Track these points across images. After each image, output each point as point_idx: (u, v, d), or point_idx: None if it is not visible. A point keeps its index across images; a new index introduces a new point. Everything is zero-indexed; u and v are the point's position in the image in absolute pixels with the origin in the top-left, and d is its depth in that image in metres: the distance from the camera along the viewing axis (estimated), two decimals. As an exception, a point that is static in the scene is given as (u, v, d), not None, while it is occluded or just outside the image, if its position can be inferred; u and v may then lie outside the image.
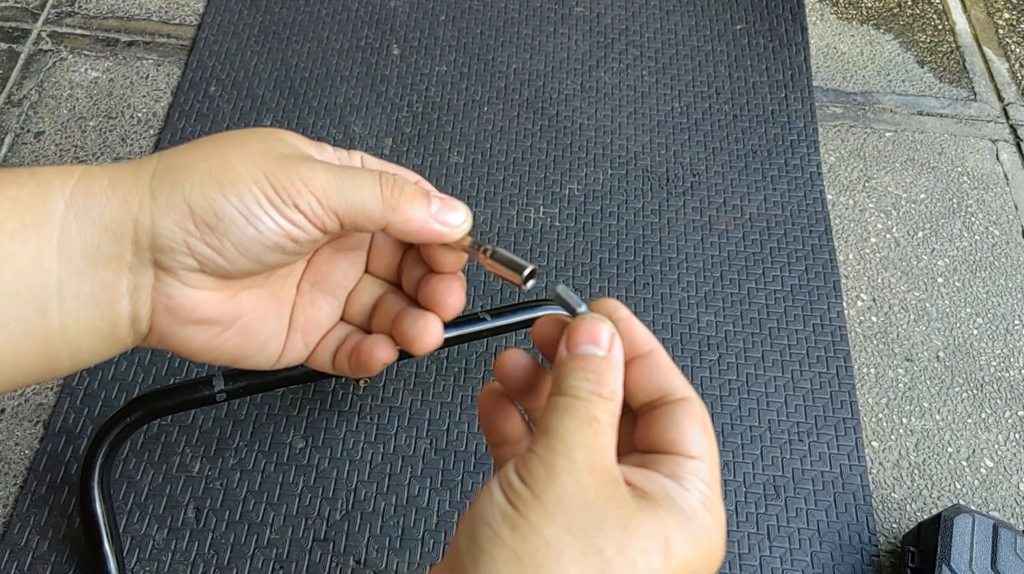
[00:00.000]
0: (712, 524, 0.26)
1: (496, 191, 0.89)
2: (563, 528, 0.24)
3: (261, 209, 0.28)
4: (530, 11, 1.05)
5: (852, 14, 1.09)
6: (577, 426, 0.26)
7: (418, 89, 0.97)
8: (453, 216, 0.31)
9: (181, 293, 0.29)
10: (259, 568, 0.67)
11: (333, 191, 0.29)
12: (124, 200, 0.28)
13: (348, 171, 0.30)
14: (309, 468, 0.71)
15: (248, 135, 0.30)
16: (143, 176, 0.28)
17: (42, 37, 0.99)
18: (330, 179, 0.29)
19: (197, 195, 0.28)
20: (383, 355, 0.33)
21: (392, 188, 0.30)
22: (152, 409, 0.64)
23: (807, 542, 0.70)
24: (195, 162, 0.28)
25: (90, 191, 0.28)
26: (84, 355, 0.29)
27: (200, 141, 0.30)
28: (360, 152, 0.33)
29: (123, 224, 0.28)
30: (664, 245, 0.86)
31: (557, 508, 0.24)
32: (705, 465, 0.27)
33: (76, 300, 0.28)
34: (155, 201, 0.28)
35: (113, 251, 0.28)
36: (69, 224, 0.27)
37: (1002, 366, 0.81)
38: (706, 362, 0.79)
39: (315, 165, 0.29)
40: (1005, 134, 0.98)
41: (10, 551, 0.67)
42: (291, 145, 0.30)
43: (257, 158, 0.28)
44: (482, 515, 0.25)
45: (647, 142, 0.94)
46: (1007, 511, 0.73)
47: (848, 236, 0.89)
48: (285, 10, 1.03)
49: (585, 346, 0.28)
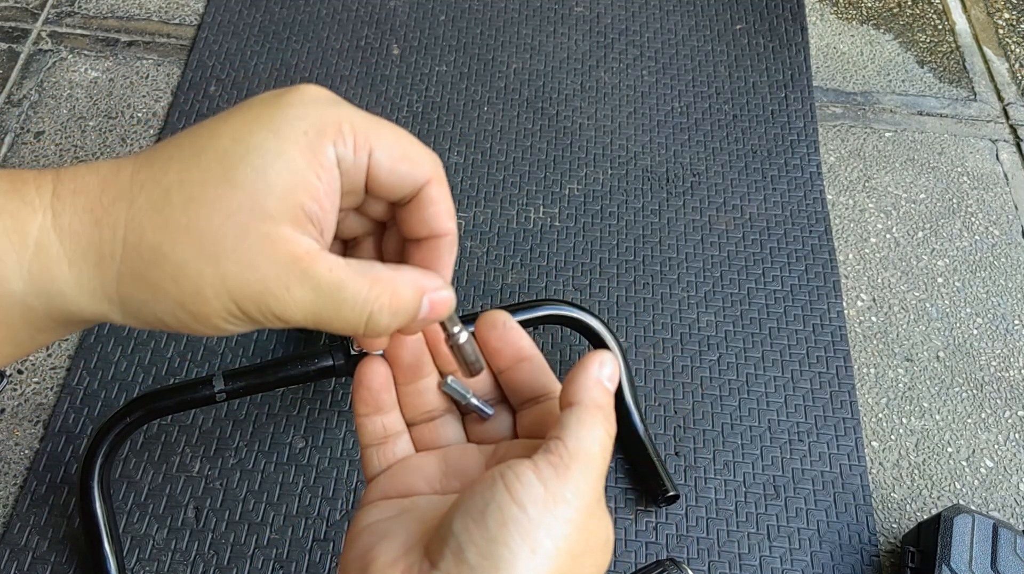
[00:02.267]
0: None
1: (496, 191, 0.89)
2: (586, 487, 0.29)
3: (234, 326, 0.28)
4: (530, 11, 1.05)
5: (852, 14, 1.09)
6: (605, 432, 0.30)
7: (418, 89, 0.97)
8: (435, 314, 0.30)
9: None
10: (259, 568, 0.67)
11: (309, 324, 0.28)
12: (91, 298, 0.26)
13: (332, 307, 0.27)
14: (309, 468, 0.71)
15: (230, 223, 0.26)
16: (108, 277, 0.26)
17: (42, 37, 0.99)
18: (308, 317, 0.27)
19: (169, 317, 0.27)
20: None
21: (374, 331, 0.29)
22: (152, 409, 0.64)
23: (807, 542, 0.70)
24: (165, 286, 0.26)
25: (51, 277, 0.26)
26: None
27: (170, 228, 0.26)
28: (372, 142, 0.29)
29: (92, 317, 0.27)
30: (664, 245, 0.86)
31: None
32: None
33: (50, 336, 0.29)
34: (125, 311, 0.27)
35: (82, 323, 0.28)
36: (33, 303, 0.26)
37: (1002, 366, 0.81)
38: (706, 362, 0.79)
39: (296, 299, 0.27)
40: (1005, 134, 0.98)
41: (10, 551, 0.67)
42: (276, 250, 0.26)
43: (234, 290, 0.26)
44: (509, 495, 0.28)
45: (647, 142, 0.94)
46: (1007, 511, 0.73)
47: (848, 236, 0.89)
48: (285, 10, 1.03)
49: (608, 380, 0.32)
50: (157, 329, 0.28)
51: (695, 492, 0.72)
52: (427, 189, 0.30)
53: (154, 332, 0.77)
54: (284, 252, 0.26)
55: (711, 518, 0.71)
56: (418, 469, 0.33)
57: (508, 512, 0.26)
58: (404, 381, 0.34)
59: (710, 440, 0.75)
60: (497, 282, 0.83)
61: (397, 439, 0.34)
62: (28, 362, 0.76)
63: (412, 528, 0.29)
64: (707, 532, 0.70)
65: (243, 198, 0.26)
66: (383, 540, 0.29)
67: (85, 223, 0.26)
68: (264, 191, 0.26)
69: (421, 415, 0.34)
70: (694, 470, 0.73)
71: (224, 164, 0.26)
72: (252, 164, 0.26)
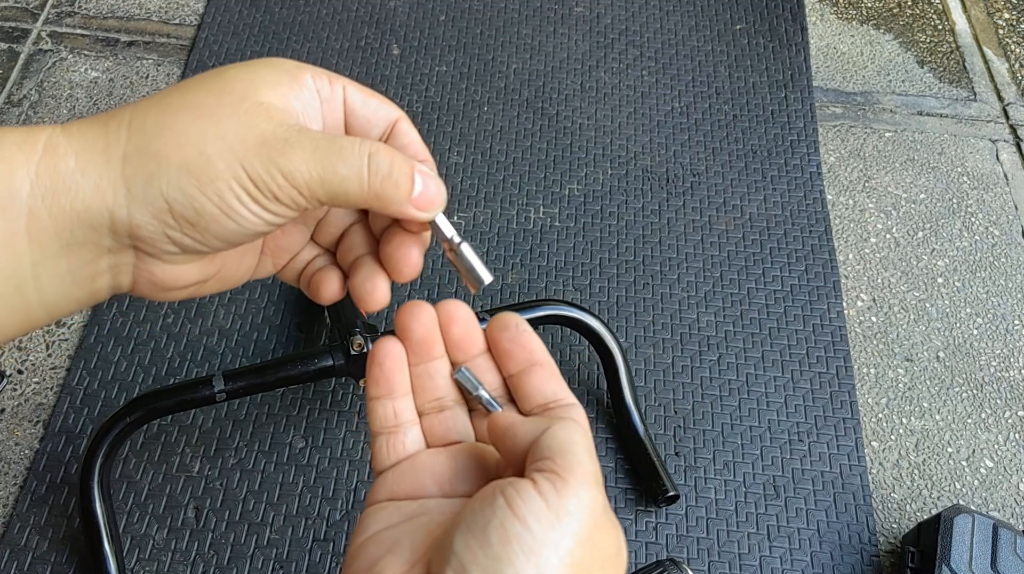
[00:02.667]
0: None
1: (496, 191, 0.89)
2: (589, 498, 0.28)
3: (241, 204, 0.28)
4: (530, 11, 1.05)
5: (852, 14, 1.09)
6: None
7: (418, 89, 0.97)
8: (431, 201, 0.31)
9: (163, 270, 0.29)
10: (259, 568, 0.67)
11: (316, 182, 0.28)
12: (96, 188, 0.27)
13: (333, 153, 0.28)
14: (309, 468, 0.71)
15: (224, 102, 0.28)
16: (113, 161, 0.27)
17: (42, 37, 0.99)
18: (313, 169, 0.28)
19: (174, 191, 0.27)
20: (327, 293, 0.35)
21: (378, 175, 0.29)
22: (152, 409, 0.64)
23: (807, 542, 0.70)
24: (168, 151, 0.27)
25: (57, 172, 0.26)
26: (64, 314, 0.30)
27: (171, 108, 0.28)
28: (343, 81, 0.32)
29: (98, 214, 0.27)
30: (664, 245, 0.86)
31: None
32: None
33: (53, 279, 0.28)
34: (130, 193, 0.27)
35: (88, 237, 0.27)
36: (38, 208, 0.26)
37: (1002, 366, 0.81)
38: (706, 362, 0.79)
39: (296, 152, 0.28)
40: (1005, 134, 0.98)
41: (10, 551, 0.67)
42: (270, 115, 0.28)
43: (235, 146, 0.27)
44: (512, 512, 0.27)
45: (647, 142, 0.94)
46: (1007, 511, 0.73)
47: (848, 236, 0.89)
48: (285, 10, 1.03)
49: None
50: (163, 222, 0.27)
51: (695, 492, 0.72)
52: (399, 125, 0.33)
53: (154, 332, 0.77)
54: (278, 117, 0.29)
55: (711, 518, 0.71)
56: (428, 468, 0.33)
57: (511, 529, 0.25)
58: (416, 360, 0.34)
59: (710, 440, 0.75)
60: (497, 282, 0.83)
61: (408, 430, 0.34)
62: (28, 362, 0.76)
63: (418, 539, 0.29)
64: (707, 532, 0.70)
65: (236, 84, 0.29)
66: (389, 553, 0.29)
67: (92, 125, 0.28)
68: (256, 81, 0.29)
69: (431, 403, 0.34)
70: (694, 470, 0.73)
71: (219, 70, 0.30)
72: (241, 68, 0.30)
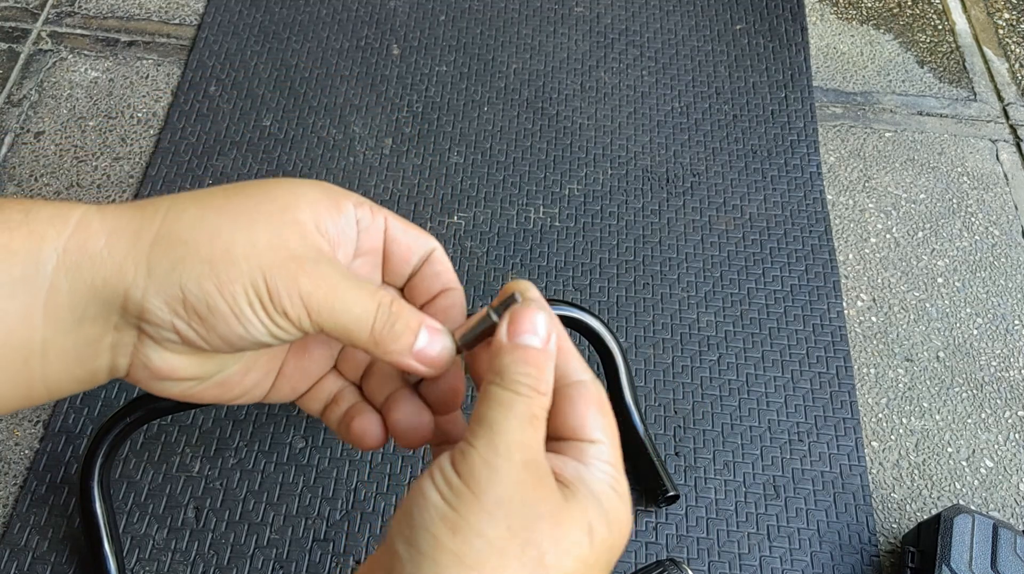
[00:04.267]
0: (619, 502, 0.28)
1: (496, 191, 0.89)
2: (503, 527, 0.25)
3: (252, 310, 0.28)
4: (530, 11, 1.05)
5: (852, 14, 1.09)
6: (519, 424, 0.27)
7: (418, 89, 0.97)
8: (436, 359, 0.30)
9: (160, 358, 0.29)
10: (259, 568, 0.67)
11: (327, 312, 0.28)
12: (119, 266, 0.27)
13: (352, 290, 0.29)
14: (309, 468, 0.71)
15: (263, 210, 0.28)
16: (142, 243, 0.27)
17: (42, 37, 0.99)
18: (329, 298, 0.28)
19: (193, 283, 0.27)
20: (371, 441, 0.33)
21: (384, 326, 0.29)
22: (152, 409, 0.64)
23: (807, 542, 0.70)
24: (199, 243, 0.27)
25: (85, 249, 0.27)
26: (62, 394, 0.30)
27: (211, 207, 0.28)
28: (384, 213, 0.32)
29: (113, 290, 0.27)
30: (664, 245, 0.86)
31: (497, 508, 0.25)
32: (606, 446, 0.29)
33: (59, 356, 0.28)
34: (150, 276, 0.27)
35: (100, 312, 0.28)
36: (59, 281, 0.27)
37: (1002, 366, 0.81)
38: (706, 362, 0.79)
39: (318, 278, 0.28)
40: (1005, 134, 0.98)
41: (10, 551, 0.67)
42: (304, 235, 0.29)
43: (263, 254, 0.27)
44: (420, 520, 0.25)
45: (647, 142, 0.94)
46: (1007, 511, 0.73)
47: (848, 236, 0.89)
48: (285, 10, 1.03)
49: (525, 335, 0.28)
50: (174, 311, 0.27)
51: (695, 492, 0.72)
52: (435, 254, 0.34)
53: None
54: (311, 239, 0.29)
55: (711, 518, 0.71)
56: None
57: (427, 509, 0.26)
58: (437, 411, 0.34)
59: (710, 440, 0.75)
60: (497, 282, 0.83)
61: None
62: (28, 362, 0.76)
63: None
64: (707, 532, 0.70)
65: (279, 195, 0.29)
66: None
67: (127, 209, 0.28)
68: (298, 198, 0.29)
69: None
70: (694, 470, 0.73)
71: (267, 181, 0.30)
72: (289, 184, 0.30)
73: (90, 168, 0.89)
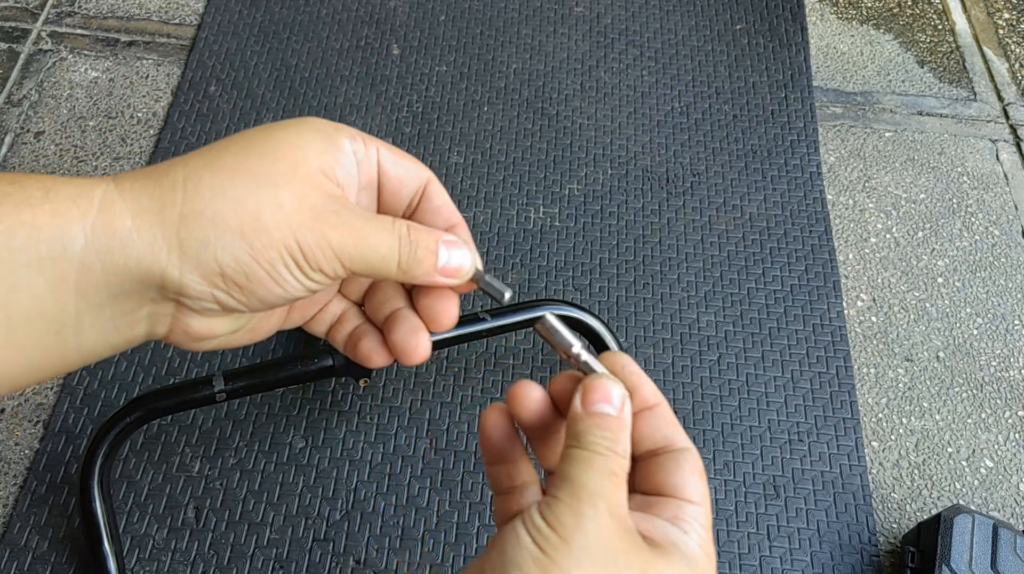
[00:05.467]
0: (708, 566, 0.29)
1: (496, 191, 0.89)
2: (588, 572, 0.26)
3: (288, 272, 0.29)
4: (530, 11, 1.05)
5: (852, 14, 1.09)
6: (599, 477, 0.28)
7: (418, 89, 0.97)
8: (458, 269, 0.33)
9: (199, 322, 0.30)
10: (259, 568, 0.67)
11: (358, 258, 0.30)
12: (150, 247, 0.27)
13: (374, 232, 0.30)
14: (309, 468, 0.71)
15: (278, 170, 0.29)
16: (169, 221, 0.28)
17: (42, 37, 0.99)
18: (357, 245, 0.30)
19: (228, 257, 0.28)
20: (378, 361, 0.35)
21: (408, 257, 0.31)
22: (152, 409, 0.64)
23: (807, 542, 0.70)
24: (225, 215, 0.28)
25: (113, 230, 0.27)
26: (98, 358, 0.31)
27: (225, 170, 0.29)
28: (376, 143, 0.34)
29: (149, 271, 0.28)
30: (664, 245, 0.86)
31: (584, 553, 0.26)
32: (703, 510, 0.30)
33: (94, 326, 0.29)
34: (184, 255, 0.28)
35: (136, 289, 0.28)
36: (91, 262, 0.27)
37: (1002, 366, 0.81)
38: (706, 362, 0.79)
39: (344, 228, 0.29)
40: (1005, 134, 0.98)
41: (10, 551, 0.67)
42: (320, 187, 0.30)
43: (291, 216, 0.28)
44: (511, 558, 0.26)
45: (647, 142, 0.94)
46: (1007, 511, 0.73)
47: (848, 236, 0.89)
48: (285, 10, 1.03)
49: (600, 405, 0.30)
50: (213, 284, 0.28)
51: (695, 492, 0.72)
52: (430, 186, 0.34)
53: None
54: (326, 189, 0.30)
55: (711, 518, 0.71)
56: None
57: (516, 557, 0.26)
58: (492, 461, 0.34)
59: (710, 440, 0.75)
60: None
61: (527, 489, 0.33)
62: (28, 362, 0.76)
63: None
64: (707, 532, 0.70)
65: (287, 150, 0.29)
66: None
67: (146, 185, 0.28)
68: (304, 147, 0.30)
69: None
70: (694, 470, 0.73)
71: (266, 132, 0.30)
72: (289, 132, 0.30)
73: (90, 168, 0.89)
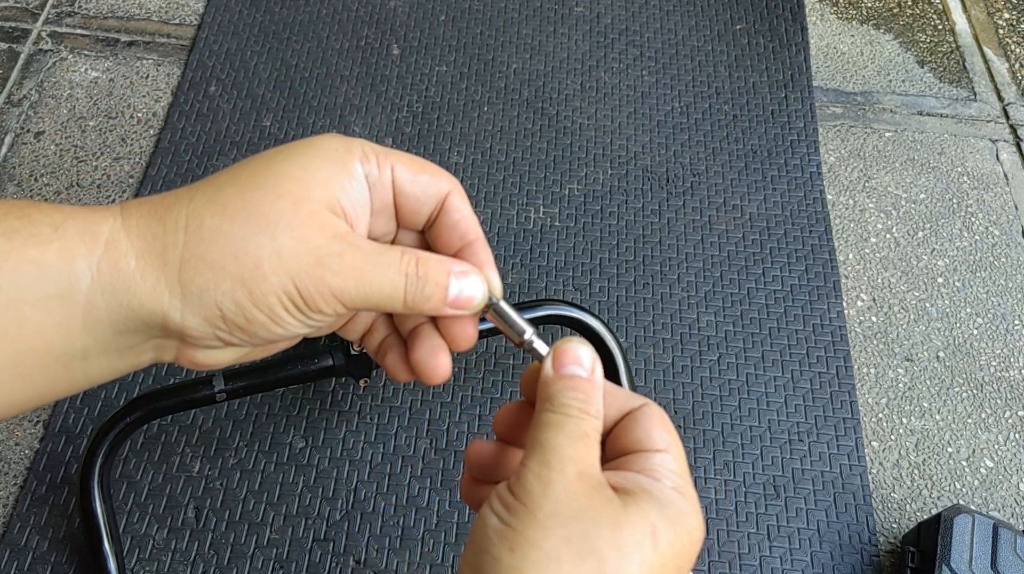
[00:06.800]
0: (687, 507, 0.28)
1: (496, 191, 0.89)
2: (560, 538, 0.25)
3: (288, 314, 0.29)
4: (530, 11, 1.05)
5: (852, 14, 1.09)
6: (569, 441, 0.28)
7: (418, 89, 0.97)
8: (469, 300, 0.32)
9: (204, 355, 0.31)
10: (259, 568, 0.67)
11: (361, 298, 0.30)
12: (153, 289, 0.28)
13: (379, 271, 0.30)
14: (309, 468, 0.71)
15: (280, 207, 0.29)
16: (171, 263, 0.28)
17: (42, 37, 0.99)
18: (360, 286, 0.29)
19: (228, 302, 0.28)
20: (402, 376, 0.35)
21: (415, 294, 0.31)
22: (152, 409, 0.64)
23: (807, 542, 0.70)
24: (225, 263, 0.28)
25: (118, 271, 0.28)
26: (104, 381, 0.31)
27: (228, 211, 0.28)
28: (391, 160, 0.32)
29: (152, 312, 0.28)
30: (664, 245, 0.86)
31: (552, 520, 0.25)
32: (671, 455, 0.29)
33: (100, 357, 0.29)
34: (185, 299, 0.28)
35: (140, 327, 0.29)
36: (96, 300, 0.27)
37: (1002, 366, 0.81)
38: (706, 362, 0.79)
39: (344, 273, 0.29)
40: (1005, 134, 0.98)
41: (10, 551, 0.67)
42: (323, 226, 0.29)
43: (289, 262, 0.28)
44: (481, 544, 0.26)
45: (647, 142, 0.94)
46: (1007, 511, 0.73)
47: (848, 236, 0.89)
48: (285, 10, 1.03)
49: (571, 367, 0.30)
50: (214, 326, 0.29)
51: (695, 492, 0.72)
52: (450, 200, 0.33)
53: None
54: (330, 228, 0.29)
55: (711, 518, 0.71)
56: None
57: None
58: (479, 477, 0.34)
59: (710, 440, 0.75)
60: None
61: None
62: (28, 362, 0.76)
63: None
64: (707, 532, 0.70)
65: (290, 184, 0.29)
66: None
67: (150, 222, 0.28)
68: (307, 180, 0.29)
69: None
70: (694, 470, 0.73)
71: (270, 162, 0.30)
72: (294, 162, 0.30)
73: (90, 168, 0.89)
